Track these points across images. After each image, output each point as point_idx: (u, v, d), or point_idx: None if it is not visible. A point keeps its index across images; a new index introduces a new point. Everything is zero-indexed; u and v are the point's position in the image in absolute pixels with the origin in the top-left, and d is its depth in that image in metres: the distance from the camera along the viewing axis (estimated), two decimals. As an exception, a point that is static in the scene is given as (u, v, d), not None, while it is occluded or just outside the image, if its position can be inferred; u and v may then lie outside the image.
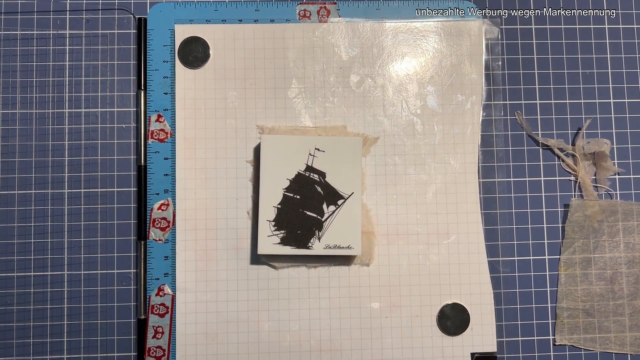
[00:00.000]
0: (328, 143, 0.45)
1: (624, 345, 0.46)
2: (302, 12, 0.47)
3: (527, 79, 0.48)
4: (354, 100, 0.46)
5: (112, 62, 0.47)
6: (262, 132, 0.46)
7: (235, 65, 0.46)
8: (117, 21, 0.47)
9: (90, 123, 0.46)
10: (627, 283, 0.46)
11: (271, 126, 0.46)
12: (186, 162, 0.45)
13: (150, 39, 0.46)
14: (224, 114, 0.46)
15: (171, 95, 0.46)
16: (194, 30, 0.46)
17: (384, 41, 0.47)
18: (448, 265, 0.45)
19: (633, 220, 0.47)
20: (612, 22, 0.49)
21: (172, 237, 0.45)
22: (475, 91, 0.47)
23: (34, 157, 0.46)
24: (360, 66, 0.47)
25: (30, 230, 0.45)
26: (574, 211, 0.47)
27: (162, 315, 0.44)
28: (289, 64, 0.46)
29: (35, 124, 0.46)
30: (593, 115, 0.48)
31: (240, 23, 0.47)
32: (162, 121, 0.46)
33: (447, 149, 0.46)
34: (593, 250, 0.47)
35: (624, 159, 0.48)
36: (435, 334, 0.45)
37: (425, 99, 0.47)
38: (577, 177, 0.48)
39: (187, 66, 0.46)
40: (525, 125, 0.48)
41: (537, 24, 0.49)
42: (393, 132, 0.46)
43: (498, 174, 0.47)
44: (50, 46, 0.46)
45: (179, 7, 0.46)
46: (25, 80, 0.46)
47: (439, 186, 0.46)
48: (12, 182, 0.45)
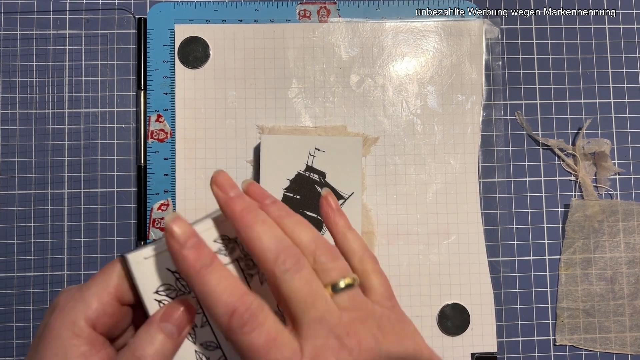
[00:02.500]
0: (328, 143, 0.45)
1: (624, 345, 0.46)
2: (302, 12, 0.47)
3: (527, 79, 0.48)
4: (354, 100, 0.46)
5: (112, 62, 0.47)
6: (262, 132, 0.46)
7: (235, 65, 0.46)
8: (117, 21, 0.47)
9: (90, 123, 0.46)
10: (627, 283, 0.46)
11: (271, 126, 0.46)
12: (186, 162, 0.45)
13: (150, 39, 0.46)
14: (223, 114, 0.46)
15: (171, 95, 0.46)
16: (194, 30, 0.46)
17: (384, 41, 0.47)
18: (448, 265, 0.45)
19: (633, 220, 0.47)
20: (612, 22, 0.49)
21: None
22: (475, 91, 0.47)
23: (33, 157, 0.46)
24: (360, 66, 0.47)
25: (30, 230, 0.45)
26: (574, 211, 0.47)
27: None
28: (289, 63, 0.46)
29: (35, 124, 0.46)
30: (593, 115, 0.48)
31: (240, 23, 0.46)
32: (162, 121, 0.45)
33: (447, 149, 0.46)
34: (593, 251, 0.46)
35: (624, 159, 0.48)
36: (435, 334, 0.45)
37: (426, 99, 0.47)
38: (577, 177, 0.48)
39: (187, 66, 0.46)
40: (526, 125, 0.48)
41: (537, 24, 0.49)
42: (393, 132, 0.46)
43: (498, 174, 0.47)
44: (50, 46, 0.46)
45: (178, 7, 0.46)
46: (25, 80, 0.46)
47: (439, 186, 0.46)
48: (12, 182, 0.45)
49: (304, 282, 0.28)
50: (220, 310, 0.27)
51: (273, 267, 0.28)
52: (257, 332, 0.27)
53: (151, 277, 0.28)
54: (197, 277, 0.27)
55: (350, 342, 0.27)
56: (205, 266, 0.27)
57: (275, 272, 0.28)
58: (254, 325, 0.27)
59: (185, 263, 0.27)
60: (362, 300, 0.30)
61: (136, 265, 0.28)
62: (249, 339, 0.27)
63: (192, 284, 0.27)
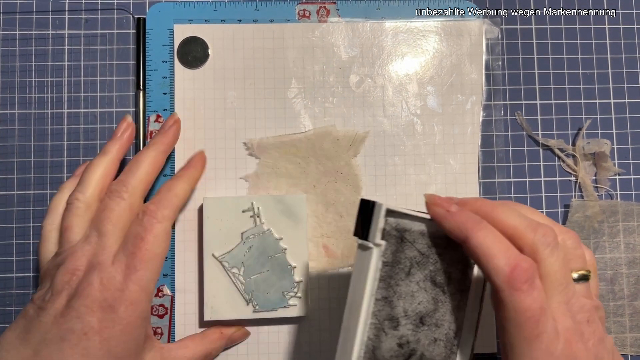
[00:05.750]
0: (271, 202, 0.43)
1: (624, 346, 0.46)
2: (302, 11, 0.47)
3: (527, 79, 0.48)
4: (353, 101, 0.46)
5: (110, 62, 0.47)
6: (249, 148, 0.45)
7: (234, 65, 0.46)
8: (116, 21, 0.47)
9: (89, 123, 0.46)
10: (627, 284, 0.46)
11: (259, 139, 0.45)
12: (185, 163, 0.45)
13: (149, 39, 0.46)
14: (223, 114, 0.46)
15: (170, 96, 0.46)
16: (193, 30, 0.46)
17: (384, 41, 0.47)
18: (448, 265, 0.45)
19: (633, 221, 0.47)
20: (612, 22, 0.49)
21: (172, 237, 0.45)
22: (475, 91, 0.47)
23: (32, 157, 0.45)
24: (360, 66, 0.46)
25: (29, 230, 0.45)
26: (574, 212, 0.47)
27: (161, 316, 0.44)
28: (288, 64, 0.46)
29: (34, 124, 0.46)
30: (593, 116, 0.48)
31: (240, 23, 0.46)
32: (161, 121, 0.45)
33: (447, 150, 0.46)
34: (593, 251, 0.46)
35: (625, 160, 0.48)
36: (435, 335, 0.45)
37: (425, 99, 0.46)
38: (577, 177, 0.47)
39: (186, 66, 0.46)
40: (526, 125, 0.48)
41: (537, 24, 0.49)
42: (393, 133, 0.46)
43: (498, 174, 0.47)
44: (48, 46, 0.46)
45: (178, 7, 0.46)
46: (24, 80, 0.46)
47: (439, 187, 0.46)
48: (11, 183, 0.45)
49: (561, 262, 0.29)
50: (502, 262, 0.28)
51: (534, 242, 0.29)
52: (536, 294, 0.27)
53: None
54: (476, 230, 0.29)
55: (591, 334, 0.29)
56: (479, 222, 0.29)
57: (538, 248, 0.29)
58: (533, 286, 0.27)
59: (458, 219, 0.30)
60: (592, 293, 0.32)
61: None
62: (526, 299, 0.27)
63: (470, 237, 0.29)
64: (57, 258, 0.36)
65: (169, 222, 0.36)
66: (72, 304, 0.32)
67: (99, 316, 0.32)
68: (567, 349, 0.27)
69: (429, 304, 0.32)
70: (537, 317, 0.27)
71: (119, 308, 0.32)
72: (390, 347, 0.31)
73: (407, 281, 0.32)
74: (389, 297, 0.31)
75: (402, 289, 0.31)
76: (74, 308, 0.32)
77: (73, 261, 0.34)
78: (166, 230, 0.36)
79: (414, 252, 0.32)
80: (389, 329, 0.31)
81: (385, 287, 0.31)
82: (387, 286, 0.31)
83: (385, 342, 0.31)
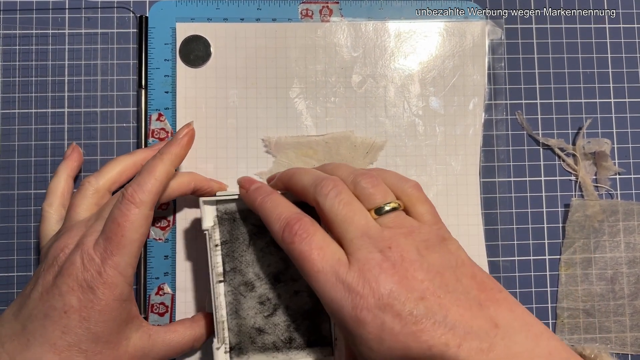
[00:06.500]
0: None
1: (624, 345, 0.46)
2: (305, 11, 0.47)
3: (527, 79, 0.48)
4: (355, 101, 0.46)
5: (112, 61, 0.46)
6: (267, 145, 0.45)
7: (236, 64, 0.46)
8: (118, 20, 0.47)
9: (91, 122, 0.46)
10: (627, 283, 0.46)
11: (276, 138, 0.45)
12: (187, 161, 0.45)
13: (151, 38, 0.46)
14: (225, 114, 0.46)
15: (172, 94, 0.46)
16: (196, 28, 0.46)
17: (387, 41, 0.47)
18: (449, 265, 0.45)
19: (634, 220, 0.47)
20: (612, 22, 0.49)
21: (172, 237, 0.45)
22: (477, 92, 0.47)
23: (33, 156, 0.45)
24: (362, 66, 0.46)
25: (30, 229, 0.45)
26: (574, 211, 0.47)
27: (161, 315, 0.44)
28: (290, 63, 0.46)
29: (35, 123, 0.46)
30: (594, 115, 0.48)
31: (242, 22, 0.46)
32: (162, 120, 0.45)
33: (449, 150, 0.46)
34: (594, 250, 0.47)
35: (625, 159, 0.48)
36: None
37: (428, 100, 0.47)
38: (577, 177, 0.48)
39: (188, 65, 0.46)
40: (526, 125, 0.48)
41: (538, 24, 0.49)
42: (395, 133, 0.46)
43: (499, 174, 0.47)
44: (49, 45, 0.46)
45: (180, 5, 0.46)
46: (25, 79, 0.46)
47: (440, 187, 0.46)
48: (12, 182, 0.45)
49: (344, 204, 0.32)
50: (276, 226, 0.33)
51: (314, 195, 0.33)
52: (307, 241, 0.31)
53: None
54: (260, 202, 0.35)
55: (392, 255, 0.30)
56: (267, 194, 0.35)
57: (317, 200, 0.33)
58: (303, 236, 0.31)
59: (251, 195, 0.36)
60: (406, 218, 0.33)
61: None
62: (299, 247, 0.31)
63: (257, 209, 0.35)
64: (57, 235, 0.38)
65: (148, 206, 0.35)
66: (56, 281, 0.33)
67: (78, 295, 0.33)
68: (360, 276, 0.29)
69: (279, 264, 0.38)
70: (311, 256, 0.30)
71: (97, 290, 0.33)
72: (251, 306, 0.38)
73: (250, 251, 0.38)
74: (237, 267, 0.38)
75: (247, 257, 0.38)
76: (57, 286, 0.33)
77: (66, 238, 0.35)
78: (144, 215, 0.35)
79: (249, 226, 0.39)
80: (245, 292, 0.38)
81: (231, 260, 0.38)
82: (233, 259, 0.38)
83: (245, 303, 0.38)
